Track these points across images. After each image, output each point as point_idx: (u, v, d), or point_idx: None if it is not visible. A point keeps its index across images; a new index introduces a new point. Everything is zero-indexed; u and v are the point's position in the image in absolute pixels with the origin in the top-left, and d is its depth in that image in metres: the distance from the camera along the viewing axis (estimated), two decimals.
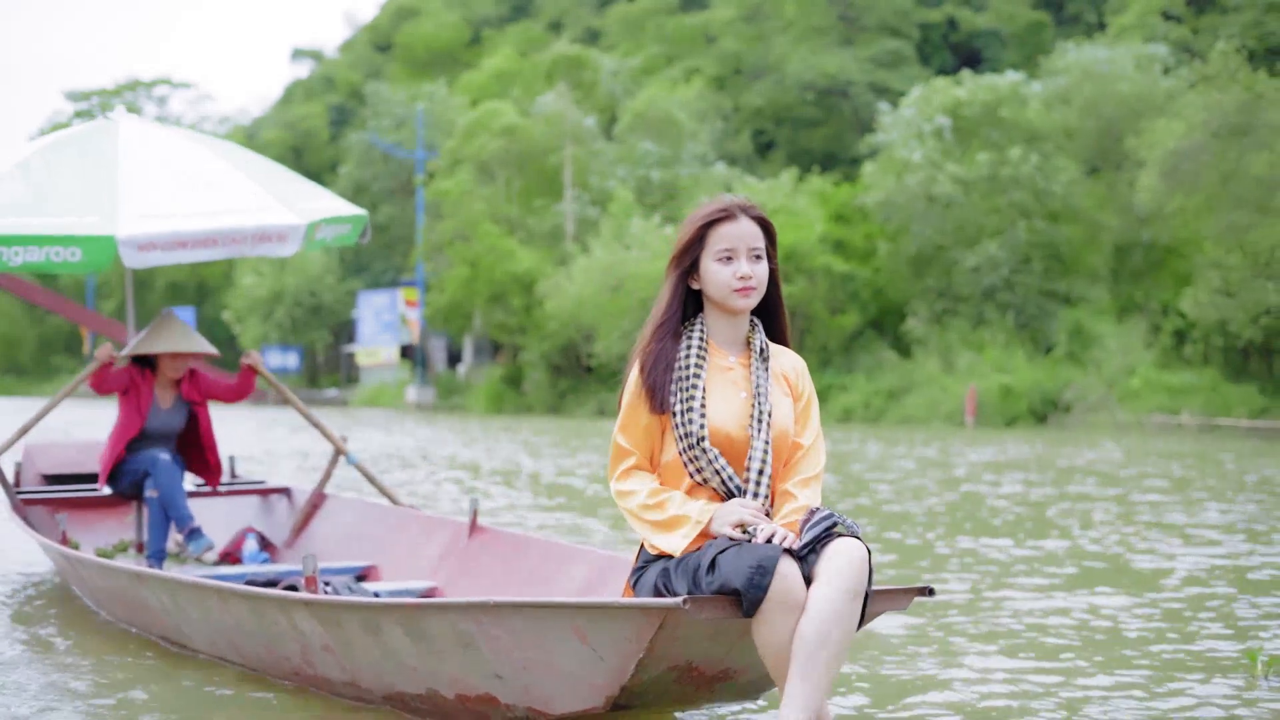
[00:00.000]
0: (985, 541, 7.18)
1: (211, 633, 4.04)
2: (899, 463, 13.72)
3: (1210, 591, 5.46)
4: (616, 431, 3.01)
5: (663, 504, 2.89)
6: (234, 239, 5.12)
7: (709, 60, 43.90)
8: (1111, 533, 7.56)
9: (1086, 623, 4.77)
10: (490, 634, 3.01)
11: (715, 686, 3.00)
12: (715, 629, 2.83)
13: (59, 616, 4.98)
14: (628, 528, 7.44)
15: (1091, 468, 13.08)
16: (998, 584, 5.65)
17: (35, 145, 5.51)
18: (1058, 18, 43.16)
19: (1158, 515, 8.50)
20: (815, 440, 3.04)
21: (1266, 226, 23.97)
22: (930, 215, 29.40)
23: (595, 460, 14.20)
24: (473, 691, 3.17)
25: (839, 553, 2.77)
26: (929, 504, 9.29)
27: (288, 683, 3.81)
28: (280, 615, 3.61)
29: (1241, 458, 14.82)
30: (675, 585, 2.88)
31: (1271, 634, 4.53)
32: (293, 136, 55.13)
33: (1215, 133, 23.91)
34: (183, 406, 5.48)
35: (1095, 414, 24.95)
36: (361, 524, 5.49)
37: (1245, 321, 24.03)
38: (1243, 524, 8.03)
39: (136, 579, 4.31)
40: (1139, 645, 4.37)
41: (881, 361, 29.40)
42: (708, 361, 3.00)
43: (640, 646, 2.76)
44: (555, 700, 3.00)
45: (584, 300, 31.35)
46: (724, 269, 2.97)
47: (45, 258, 4.92)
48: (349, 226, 5.59)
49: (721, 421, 2.94)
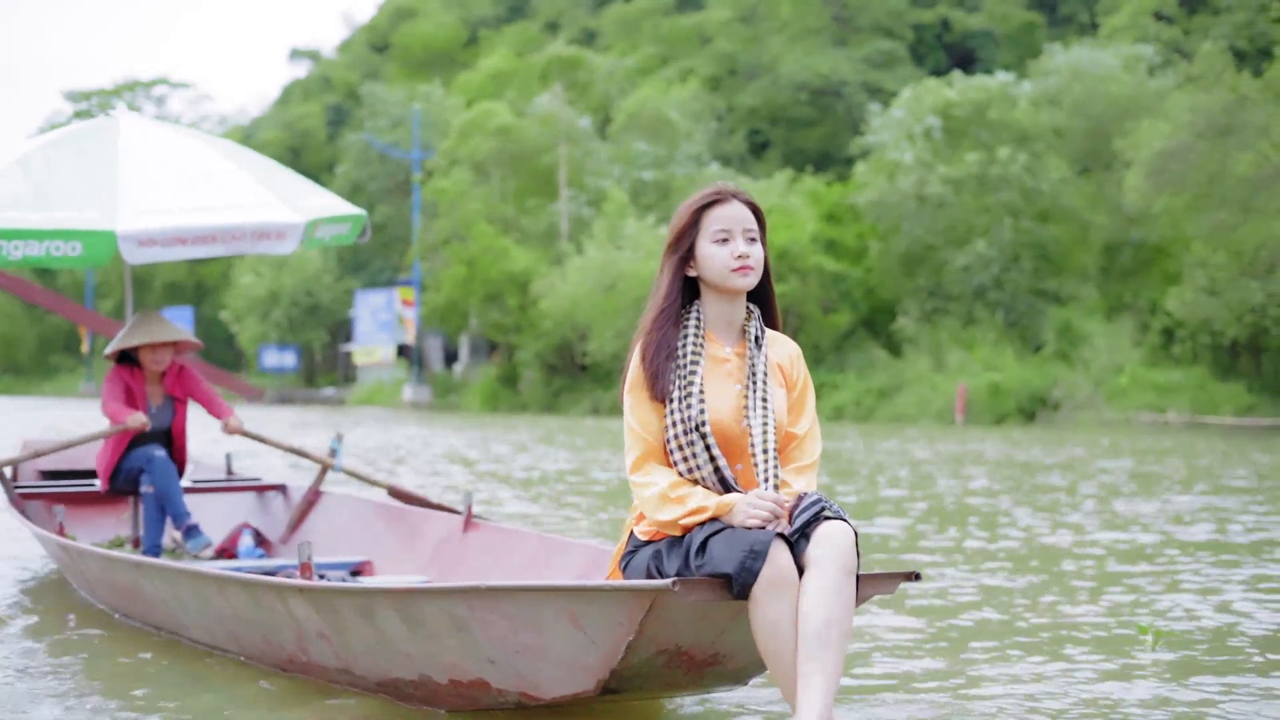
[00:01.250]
0: (923, 528, 7.46)
1: (208, 622, 4.05)
2: (876, 458, 13.82)
3: (1125, 570, 5.83)
4: (628, 415, 3.00)
5: (683, 498, 2.89)
6: (233, 236, 5.11)
7: (704, 61, 43.87)
8: (1047, 520, 7.85)
9: (988, 599, 5.02)
10: (483, 618, 3.02)
11: (705, 671, 3.01)
12: (705, 612, 2.84)
13: (57, 608, 4.98)
14: (618, 519, 7.46)
15: (1056, 462, 13.17)
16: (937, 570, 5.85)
17: (36, 142, 5.50)
18: (1051, 18, 43.17)
19: (1102, 504, 8.78)
20: (810, 428, 3.04)
21: (1251, 226, 24.05)
22: (921, 215, 29.46)
23: (587, 458, 14.22)
24: (465, 677, 3.17)
25: (828, 535, 2.78)
26: (887, 495, 9.48)
27: (284, 671, 3.82)
28: (276, 602, 3.62)
29: (1207, 454, 14.93)
30: (666, 567, 2.89)
31: (1168, 608, 4.88)
32: (290, 136, 55.02)
33: (1200, 133, 23.97)
34: (169, 402, 5.47)
35: (1083, 412, 25.01)
36: (356, 520, 5.49)
37: (1230, 320, 24.11)
38: (1188, 512, 8.29)
39: (134, 569, 4.32)
40: (1037, 626, 4.51)
41: (873, 360, 29.46)
42: (704, 351, 3.01)
43: (630, 629, 2.77)
44: (547, 684, 3.01)
45: (578, 299, 31.37)
46: (721, 249, 2.97)
47: (45, 252, 4.90)
48: (348, 225, 5.57)
49: (716, 413, 2.94)
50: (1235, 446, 16.49)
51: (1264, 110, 23.58)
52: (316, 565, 4.86)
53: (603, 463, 13.10)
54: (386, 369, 45.74)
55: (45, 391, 54.15)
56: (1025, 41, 41.40)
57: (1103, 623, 4.57)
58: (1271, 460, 13.77)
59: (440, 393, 40.42)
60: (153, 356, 5.35)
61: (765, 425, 2.94)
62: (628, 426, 2.99)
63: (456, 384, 40.56)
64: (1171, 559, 6.20)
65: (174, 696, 3.60)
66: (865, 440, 18.02)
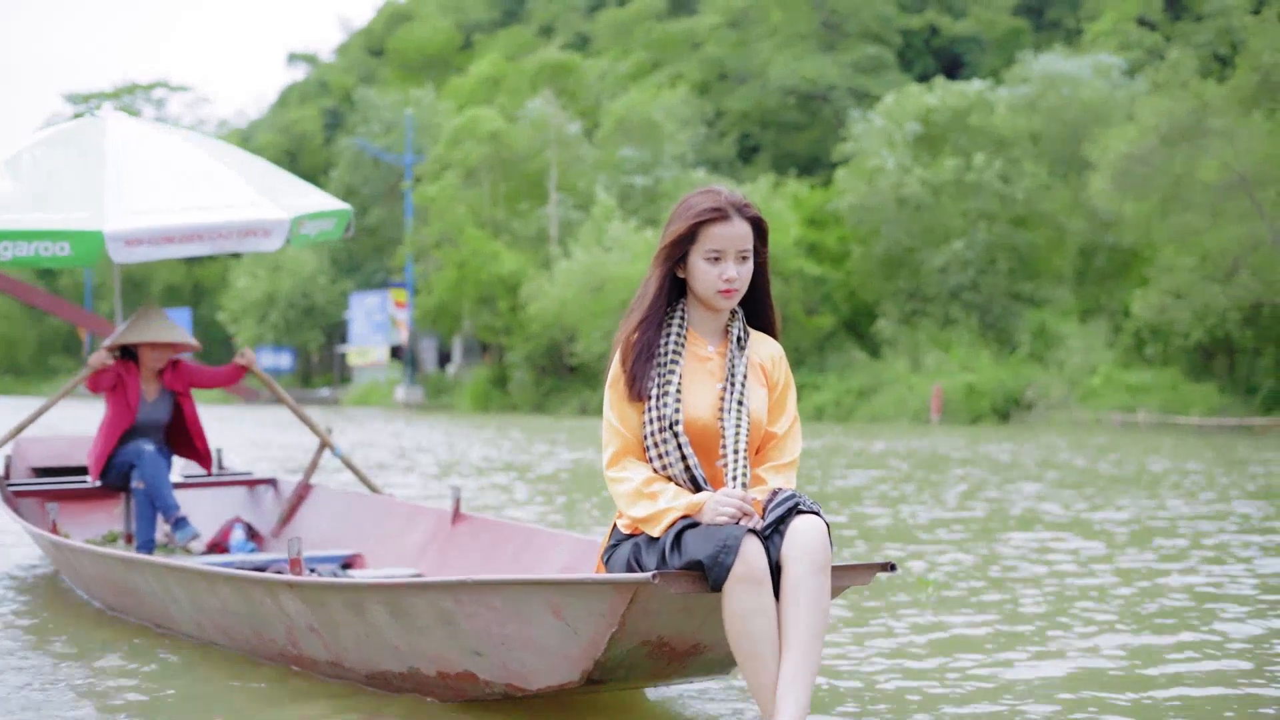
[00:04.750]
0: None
1: (200, 617, 4.03)
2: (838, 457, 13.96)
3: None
4: (607, 411, 3.00)
5: (655, 494, 2.88)
6: (220, 234, 5.08)
7: (694, 65, 43.82)
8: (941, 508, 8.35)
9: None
10: (469, 611, 3.01)
11: (686, 662, 3.01)
12: (685, 605, 2.84)
13: (49, 605, 4.95)
14: (602, 514, 7.47)
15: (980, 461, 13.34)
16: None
17: (24, 143, 5.48)
18: (1037, 23, 43.16)
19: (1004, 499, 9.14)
20: (791, 427, 3.02)
21: (1215, 231, 24.17)
22: (900, 218, 29.54)
23: (571, 454, 14.21)
24: (453, 669, 3.17)
25: (801, 530, 2.77)
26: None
27: (274, 664, 3.80)
28: (266, 597, 3.60)
29: (1147, 451, 15.10)
30: (645, 561, 2.88)
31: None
32: (287, 140, 54.85)
33: (1165, 138, 24.07)
34: (167, 397, 5.44)
35: (1056, 412, 25.10)
36: (347, 514, 5.48)
37: (1194, 323, 24.23)
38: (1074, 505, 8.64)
39: (126, 564, 4.29)
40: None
41: (852, 361, 29.54)
42: (686, 350, 2.99)
43: (613, 621, 2.77)
44: (532, 675, 3.01)
45: (566, 302, 31.39)
46: (711, 269, 2.95)
47: (35, 252, 4.86)
48: (334, 221, 5.53)
49: (695, 411, 2.93)
50: (1182, 444, 16.71)
51: (1227, 117, 23.70)
52: (307, 559, 4.84)
53: (589, 463, 13.10)
54: (380, 370, 45.68)
55: (44, 392, 53.84)
56: (1011, 47, 41.34)
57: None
58: (1177, 453, 14.07)
59: (433, 393, 40.38)
60: (152, 354, 5.34)
61: (739, 426, 2.93)
62: (606, 422, 2.99)
63: (449, 384, 40.53)
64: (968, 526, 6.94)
65: (166, 691, 3.57)
66: (836, 439, 18.07)
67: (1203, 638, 4.16)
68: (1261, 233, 23.54)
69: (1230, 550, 6.27)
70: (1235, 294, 23.74)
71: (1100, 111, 29.37)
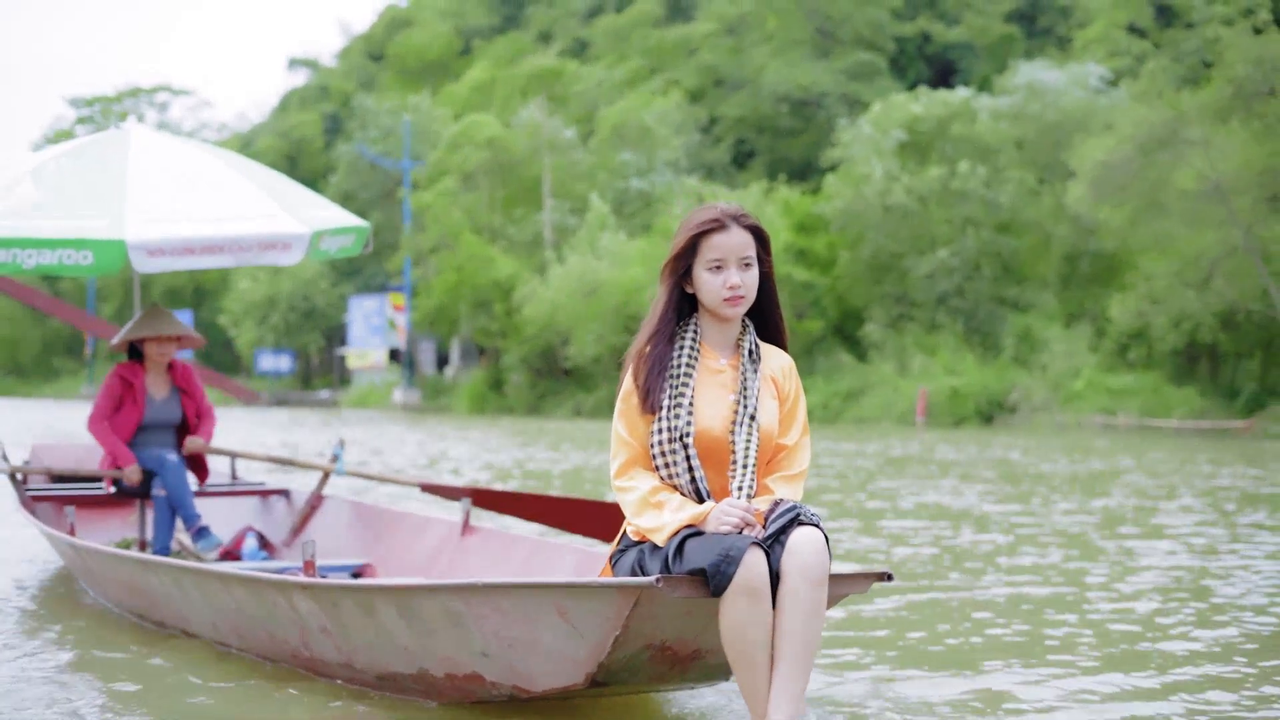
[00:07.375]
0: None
1: (214, 618, 4.06)
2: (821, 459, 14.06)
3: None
4: (617, 422, 3.01)
5: (661, 504, 2.90)
6: (240, 247, 5.09)
7: (690, 71, 43.73)
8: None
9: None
10: (477, 613, 3.05)
11: (688, 666, 3.05)
12: (688, 609, 2.87)
13: (67, 607, 4.97)
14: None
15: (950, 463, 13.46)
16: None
17: (49, 152, 5.48)
18: (1029, 30, 43.12)
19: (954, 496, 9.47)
20: (800, 439, 3.04)
21: (1192, 237, 24.30)
22: (886, 224, 29.62)
23: (571, 458, 14.25)
24: (461, 670, 3.21)
25: (800, 543, 2.79)
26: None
27: (287, 666, 3.84)
28: (280, 598, 3.64)
29: (1115, 453, 15.24)
30: (649, 567, 2.91)
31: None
32: (288, 145, 54.72)
33: (1143, 146, 24.18)
34: (177, 395, 5.44)
35: (1039, 415, 25.20)
36: (358, 524, 5.50)
37: (1169, 327, 24.36)
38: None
39: (143, 566, 4.33)
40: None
41: (840, 365, 29.61)
42: (699, 363, 3.01)
43: (618, 624, 2.80)
44: (538, 677, 3.05)
45: (560, 306, 31.43)
46: (714, 278, 2.97)
47: (58, 261, 4.87)
48: (352, 237, 5.52)
49: (707, 423, 2.95)
50: (1149, 444, 16.90)
51: (1203, 126, 23.82)
52: (319, 568, 4.86)
53: (595, 468, 13.13)
54: (379, 372, 45.61)
55: (47, 394, 53.64)
56: (1003, 54, 41.28)
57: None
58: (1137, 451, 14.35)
59: (430, 395, 40.34)
60: (158, 349, 5.35)
61: (749, 440, 2.95)
62: (615, 433, 3.00)
63: (447, 386, 40.50)
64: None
65: (180, 692, 3.61)
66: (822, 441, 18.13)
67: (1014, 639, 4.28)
68: (1236, 239, 23.68)
69: (1092, 542, 6.79)
70: (1210, 301, 23.89)
71: (1081, 119, 29.48)
